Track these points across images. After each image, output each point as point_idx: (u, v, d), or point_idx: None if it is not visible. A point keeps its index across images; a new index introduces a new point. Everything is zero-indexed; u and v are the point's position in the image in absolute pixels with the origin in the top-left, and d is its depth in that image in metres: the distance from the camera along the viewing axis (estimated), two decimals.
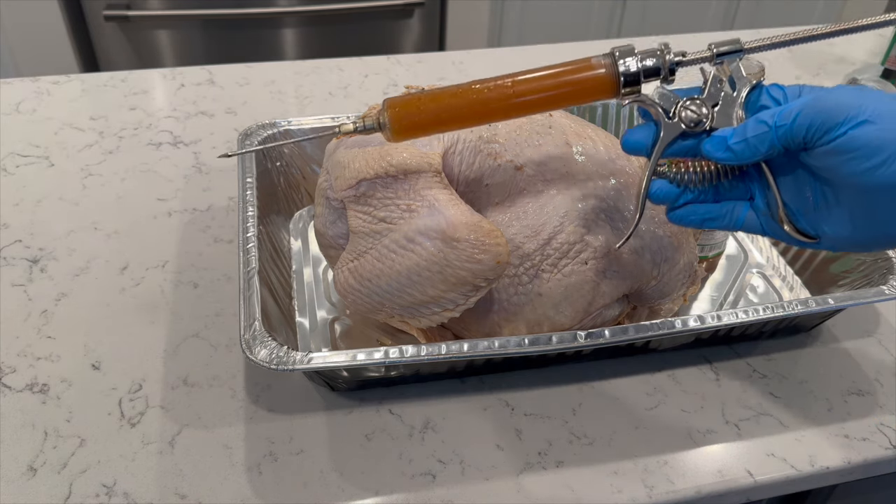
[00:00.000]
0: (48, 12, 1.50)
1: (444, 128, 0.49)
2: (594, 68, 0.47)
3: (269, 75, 0.99)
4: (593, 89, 0.47)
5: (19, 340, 0.62)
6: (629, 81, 0.46)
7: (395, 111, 0.48)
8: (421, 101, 0.48)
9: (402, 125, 0.48)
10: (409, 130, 0.48)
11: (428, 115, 0.47)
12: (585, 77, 0.47)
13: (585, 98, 0.48)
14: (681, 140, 0.46)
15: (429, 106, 0.47)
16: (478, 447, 0.56)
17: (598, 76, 0.47)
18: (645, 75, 0.46)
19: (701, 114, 0.46)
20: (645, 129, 0.48)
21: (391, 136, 0.48)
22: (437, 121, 0.48)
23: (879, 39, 1.16)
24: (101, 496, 0.52)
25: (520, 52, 1.08)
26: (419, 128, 0.48)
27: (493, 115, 0.49)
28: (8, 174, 0.80)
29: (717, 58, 0.46)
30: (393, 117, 0.48)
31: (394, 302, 0.55)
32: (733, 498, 0.56)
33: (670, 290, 0.62)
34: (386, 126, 0.48)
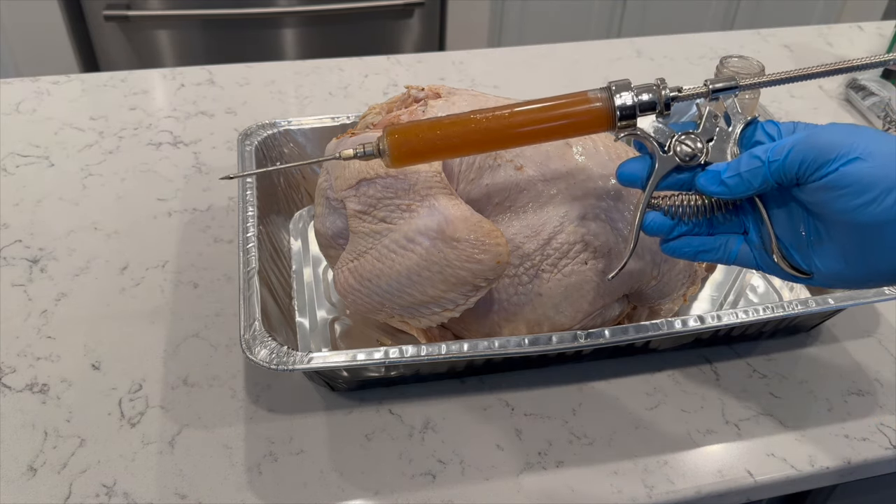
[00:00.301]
0: (48, 12, 1.50)
1: (442, 155, 0.50)
2: (590, 102, 0.47)
3: (269, 75, 0.99)
4: (589, 123, 0.48)
5: (19, 340, 0.62)
6: (625, 115, 0.47)
7: (394, 139, 0.48)
8: (420, 129, 0.48)
9: (400, 152, 0.48)
10: (408, 157, 0.49)
11: (426, 143, 0.48)
12: (582, 110, 0.47)
13: (582, 131, 0.48)
14: (675, 173, 0.47)
15: (427, 134, 0.48)
16: (478, 447, 0.56)
17: (595, 109, 0.47)
18: (640, 109, 0.47)
19: (696, 148, 0.46)
20: (640, 161, 0.48)
21: (390, 163, 0.49)
22: (434, 149, 0.49)
23: (879, 39, 1.16)
24: (101, 496, 0.52)
25: (520, 52, 1.08)
26: (418, 155, 0.49)
27: (490, 145, 0.49)
28: (8, 174, 0.80)
29: (712, 94, 0.47)
30: (392, 144, 0.48)
31: (394, 302, 0.55)
32: (733, 498, 0.56)
33: (670, 290, 0.62)
34: (385, 153, 0.49)
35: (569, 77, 1.02)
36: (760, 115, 0.78)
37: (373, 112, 0.62)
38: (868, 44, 1.14)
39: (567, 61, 1.06)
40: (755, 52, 1.10)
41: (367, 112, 0.62)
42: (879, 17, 1.98)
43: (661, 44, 1.11)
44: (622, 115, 0.47)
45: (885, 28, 1.20)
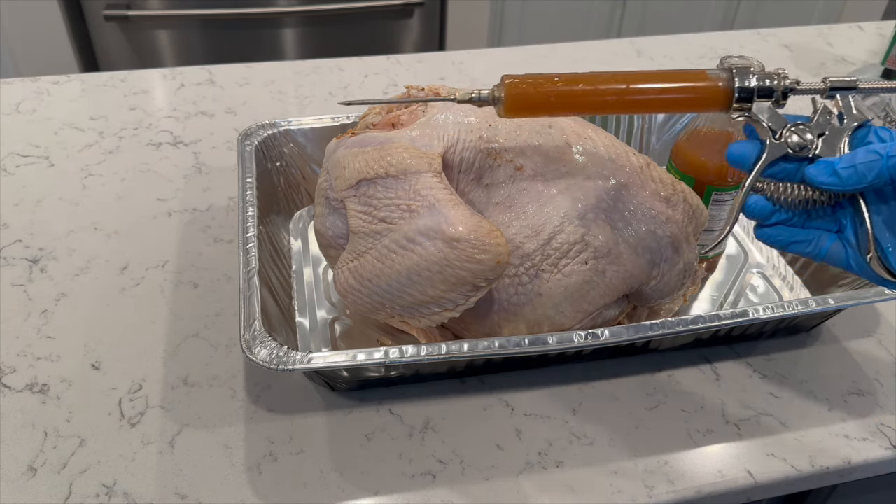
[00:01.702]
0: (48, 12, 1.50)
1: (555, 111, 0.50)
2: (711, 80, 0.48)
3: (269, 75, 0.99)
4: (707, 100, 0.48)
5: (19, 340, 0.62)
6: (742, 98, 0.47)
7: (511, 88, 0.49)
8: (538, 82, 0.49)
9: (515, 103, 0.49)
10: (521, 110, 0.49)
11: (543, 97, 0.49)
12: (701, 86, 0.48)
13: (697, 107, 0.49)
14: (782, 162, 0.47)
15: (545, 88, 0.49)
16: (478, 447, 0.56)
17: (714, 88, 0.48)
18: (758, 94, 0.47)
19: (806, 140, 0.47)
20: (750, 144, 0.48)
21: (503, 112, 0.49)
22: (549, 104, 0.49)
23: (880, 39, 1.16)
24: (101, 496, 0.52)
25: (520, 51, 1.08)
26: (531, 108, 0.49)
27: (604, 108, 0.50)
28: (8, 174, 0.80)
29: (829, 92, 0.47)
30: (509, 94, 0.49)
31: (394, 302, 0.55)
32: (733, 498, 0.56)
33: (670, 290, 0.62)
34: (500, 101, 0.49)
35: None
36: None
37: (373, 112, 0.62)
38: (868, 44, 1.14)
39: (567, 61, 1.06)
40: (755, 52, 1.10)
41: (367, 112, 0.62)
42: (879, 17, 1.98)
43: (661, 44, 1.11)
44: (740, 98, 0.47)
45: (885, 28, 1.20)
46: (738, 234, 0.76)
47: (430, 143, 0.56)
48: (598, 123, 0.81)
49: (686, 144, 0.66)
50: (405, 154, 0.54)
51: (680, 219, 0.59)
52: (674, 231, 0.59)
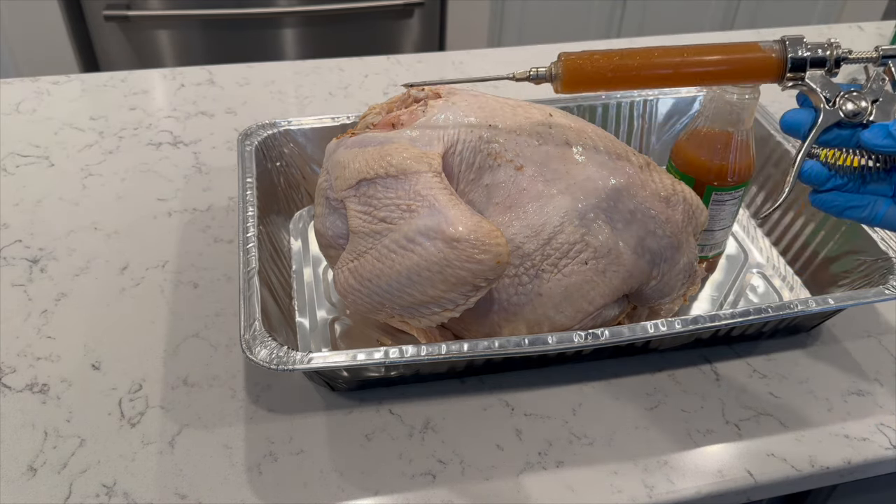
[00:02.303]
0: (48, 12, 1.50)
1: (610, 86, 0.51)
2: (764, 51, 0.49)
3: (269, 75, 0.99)
4: (760, 70, 0.49)
5: (19, 340, 0.62)
6: (795, 67, 0.49)
7: (568, 64, 0.50)
8: (594, 58, 0.50)
9: (572, 78, 0.51)
10: (579, 85, 0.51)
11: (599, 72, 0.50)
12: (754, 57, 0.49)
13: (750, 77, 0.50)
14: (836, 129, 0.48)
15: (601, 63, 0.50)
16: (478, 447, 0.56)
17: (767, 58, 0.49)
18: (811, 64, 0.48)
19: (860, 106, 0.48)
20: (804, 112, 0.49)
21: (560, 88, 0.51)
22: (605, 79, 0.50)
23: (880, 39, 1.16)
24: (101, 496, 0.52)
25: (520, 51, 1.08)
26: (588, 83, 0.51)
27: (660, 81, 0.51)
28: (8, 174, 0.80)
29: (882, 59, 0.48)
30: (566, 70, 0.50)
31: (394, 302, 0.55)
32: (733, 498, 0.56)
33: (670, 290, 0.62)
34: (558, 77, 0.51)
35: None
36: (759, 115, 0.78)
37: (373, 112, 0.62)
38: (868, 44, 1.14)
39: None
40: None
41: (367, 112, 0.62)
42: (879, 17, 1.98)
43: (661, 44, 1.11)
44: (792, 67, 0.49)
45: (885, 28, 1.20)
46: (737, 234, 0.76)
47: (430, 143, 0.56)
48: (598, 123, 0.81)
49: (686, 144, 0.66)
50: (405, 154, 0.54)
51: (680, 219, 0.60)
52: (674, 231, 0.59)
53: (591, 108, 0.80)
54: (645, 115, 0.82)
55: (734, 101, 0.61)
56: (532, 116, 0.59)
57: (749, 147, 0.64)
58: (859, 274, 0.65)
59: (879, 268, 0.63)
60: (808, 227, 0.71)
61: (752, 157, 0.65)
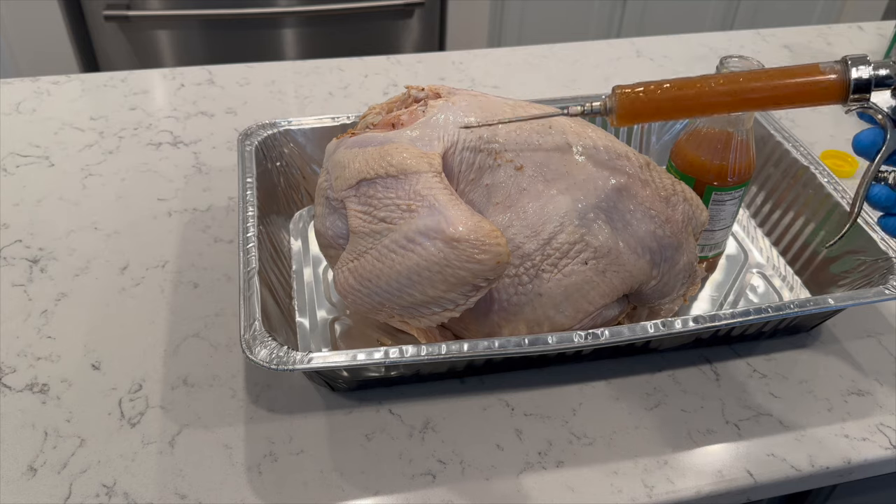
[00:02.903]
0: (48, 12, 1.50)
1: (667, 117, 0.52)
2: (824, 73, 0.48)
3: (269, 75, 0.99)
4: (821, 93, 0.48)
5: (19, 340, 0.62)
6: (859, 88, 0.47)
7: (623, 98, 0.51)
8: (648, 90, 0.51)
9: (627, 112, 0.51)
10: (634, 118, 0.52)
11: (654, 104, 0.50)
12: (815, 80, 0.48)
13: (811, 100, 0.49)
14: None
15: (656, 96, 0.50)
16: (478, 447, 0.56)
17: (828, 80, 0.48)
18: (875, 84, 0.47)
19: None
20: (876, 132, 0.48)
21: (616, 122, 0.52)
22: (661, 111, 0.51)
23: (880, 39, 1.16)
24: (101, 496, 0.52)
25: (520, 52, 1.08)
26: (643, 116, 0.52)
27: (717, 109, 0.51)
28: (8, 174, 0.80)
29: None
30: (621, 104, 0.51)
31: (394, 302, 0.55)
32: (733, 498, 0.56)
33: (670, 290, 0.62)
34: (613, 111, 0.52)
35: (569, 77, 1.02)
36: (759, 115, 0.78)
37: (373, 112, 0.62)
38: (868, 44, 1.14)
39: (567, 61, 1.06)
40: (755, 52, 1.10)
41: (367, 112, 0.62)
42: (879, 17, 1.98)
43: (661, 44, 1.11)
44: (856, 88, 0.47)
45: (885, 28, 1.20)
46: (737, 234, 0.76)
47: (430, 143, 0.56)
48: (598, 123, 0.81)
49: (686, 144, 0.66)
50: (405, 154, 0.54)
51: (680, 219, 0.60)
52: (674, 231, 0.59)
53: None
54: None
55: None
56: None
57: (749, 147, 0.64)
58: (859, 274, 0.65)
59: (879, 268, 0.63)
60: (808, 227, 0.71)
61: (752, 157, 0.65)
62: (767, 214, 0.76)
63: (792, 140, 0.75)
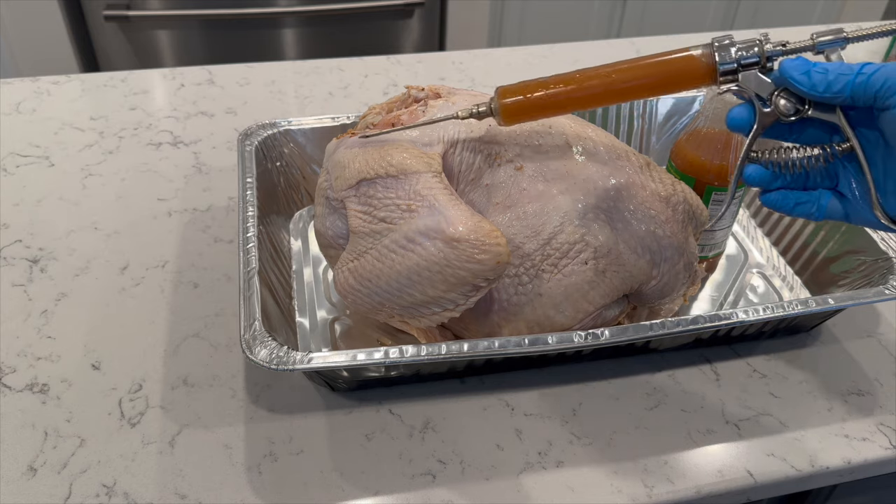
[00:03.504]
0: (48, 12, 1.50)
1: (549, 113, 0.53)
2: (693, 59, 0.49)
3: (269, 75, 0.99)
4: (691, 78, 0.49)
5: (19, 340, 0.62)
6: (726, 71, 0.48)
7: (504, 97, 0.52)
8: (529, 89, 0.52)
9: (510, 111, 0.52)
10: (517, 115, 0.53)
11: (534, 102, 0.52)
12: (683, 67, 0.49)
13: (683, 86, 0.50)
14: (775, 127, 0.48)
15: (536, 94, 0.51)
16: (478, 447, 0.56)
17: (696, 65, 0.49)
18: (742, 66, 0.48)
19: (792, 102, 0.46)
20: (747, 109, 0.49)
21: (501, 121, 0.53)
22: (542, 107, 0.52)
23: (880, 39, 1.15)
24: (101, 496, 0.52)
25: (520, 51, 1.08)
26: (525, 113, 0.53)
27: (594, 102, 0.52)
28: (8, 174, 0.80)
29: (817, 47, 0.47)
30: (503, 104, 0.52)
31: (394, 302, 0.55)
32: (733, 498, 0.56)
33: (670, 290, 0.62)
34: (497, 112, 0.53)
35: None
36: None
37: (373, 112, 0.62)
38: (868, 44, 1.14)
39: (567, 61, 1.06)
40: None
41: (367, 112, 0.62)
42: (879, 17, 1.98)
43: (661, 44, 1.11)
44: (724, 71, 0.48)
45: None
46: (737, 234, 0.76)
47: (430, 143, 0.56)
48: (598, 123, 0.81)
49: (686, 144, 0.66)
50: (405, 154, 0.54)
51: (680, 219, 0.60)
52: (674, 231, 0.59)
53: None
54: (645, 115, 0.82)
55: (734, 102, 0.61)
56: None
57: None
58: (859, 274, 0.65)
59: (879, 268, 0.63)
60: (808, 227, 0.71)
61: None
62: (767, 214, 0.76)
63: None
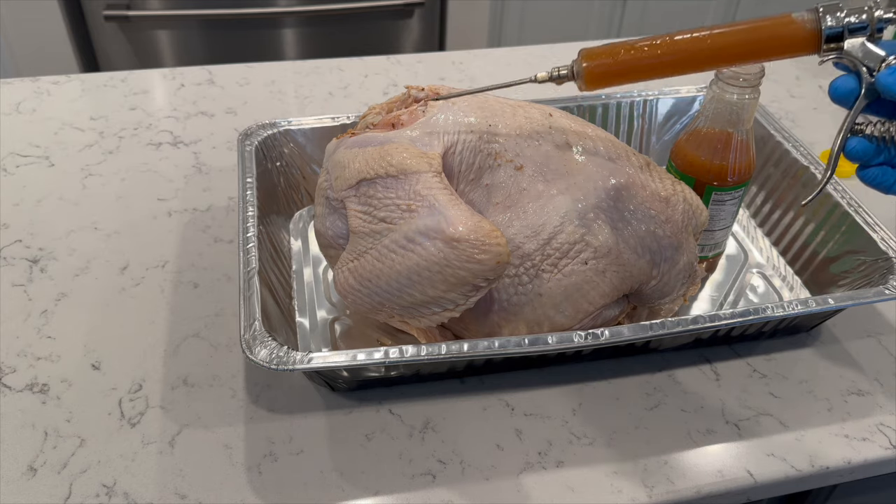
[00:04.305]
0: (48, 12, 1.50)
1: (635, 77, 0.50)
2: (795, 22, 0.46)
3: (269, 75, 0.99)
4: (792, 44, 0.46)
5: (19, 340, 0.62)
6: (831, 37, 0.45)
7: (590, 60, 0.49)
8: (615, 51, 0.49)
9: (595, 74, 0.49)
10: (603, 79, 0.50)
11: (622, 64, 0.49)
12: (785, 32, 0.46)
13: (783, 52, 0.47)
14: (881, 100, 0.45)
15: (624, 56, 0.48)
16: (478, 447, 0.56)
17: (798, 30, 0.46)
18: (849, 31, 0.45)
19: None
20: (853, 79, 0.46)
21: (584, 86, 0.50)
22: (630, 70, 0.49)
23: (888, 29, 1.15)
24: (101, 496, 0.52)
25: (520, 51, 1.08)
26: (611, 78, 0.49)
27: (687, 67, 0.49)
28: (8, 174, 0.80)
29: None
30: (588, 66, 0.49)
31: (394, 302, 0.55)
32: (733, 498, 0.56)
33: (670, 290, 0.62)
34: (580, 75, 0.50)
35: None
36: (759, 115, 0.78)
37: (373, 112, 0.62)
38: None
39: (567, 61, 1.05)
40: None
41: (367, 112, 0.62)
42: None
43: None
44: (829, 37, 0.45)
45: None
46: (737, 234, 0.76)
47: (430, 143, 0.56)
48: (598, 123, 0.81)
49: (686, 144, 0.66)
50: (405, 154, 0.54)
51: (680, 219, 0.60)
52: (674, 231, 0.59)
53: (591, 108, 0.80)
54: (645, 115, 0.82)
55: (734, 101, 0.61)
56: (532, 116, 0.59)
57: (749, 147, 0.64)
58: (859, 274, 0.65)
59: (879, 268, 0.63)
60: (808, 227, 0.71)
61: (752, 157, 0.65)
62: (767, 214, 0.76)
63: (792, 140, 0.75)
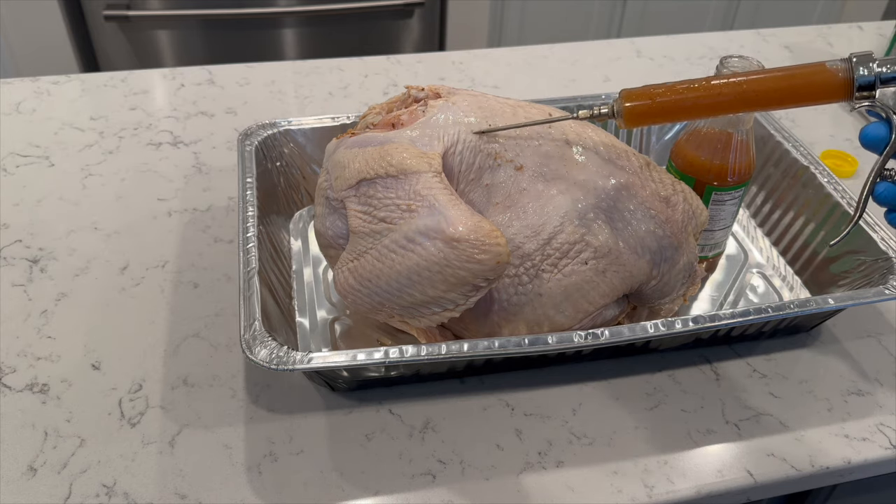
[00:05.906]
0: (48, 12, 1.50)
1: (672, 118, 0.53)
2: (829, 71, 0.49)
3: (269, 75, 0.99)
4: (825, 91, 0.49)
5: (19, 340, 0.62)
6: (863, 86, 0.48)
7: (630, 101, 0.53)
8: (654, 93, 0.52)
9: (634, 114, 0.53)
10: (641, 119, 0.53)
11: (660, 106, 0.52)
12: (819, 80, 0.49)
13: (816, 99, 0.50)
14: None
15: (662, 98, 0.52)
16: (478, 447, 0.56)
17: (832, 79, 0.48)
18: (882, 81, 0.47)
19: None
20: (881, 127, 0.48)
21: (623, 124, 0.54)
22: (667, 112, 0.52)
23: (880, 39, 1.16)
24: (101, 496, 0.52)
25: (520, 52, 1.08)
26: (649, 118, 0.53)
27: (719, 109, 0.52)
28: (8, 174, 0.80)
29: None
30: (629, 107, 0.53)
31: (394, 302, 0.54)
32: (733, 498, 0.56)
33: (670, 290, 0.62)
34: (620, 114, 0.53)
35: (569, 77, 1.02)
36: (759, 115, 0.78)
37: (373, 112, 0.62)
38: (868, 44, 1.14)
39: (567, 61, 1.06)
40: (755, 52, 1.10)
41: (367, 112, 0.62)
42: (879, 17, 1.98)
43: (661, 44, 1.11)
44: (861, 87, 0.47)
45: (885, 28, 1.20)
46: (737, 234, 0.76)
47: (430, 143, 0.56)
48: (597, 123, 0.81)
49: (686, 144, 0.66)
50: (405, 154, 0.54)
51: (680, 219, 0.60)
52: (674, 231, 0.59)
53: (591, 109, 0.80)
54: None
55: None
56: (532, 116, 0.59)
57: (749, 147, 0.64)
58: (859, 274, 0.65)
59: (879, 268, 0.63)
60: (808, 227, 0.71)
61: (752, 157, 0.65)
62: (767, 214, 0.76)
63: (792, 140, 0.75)
